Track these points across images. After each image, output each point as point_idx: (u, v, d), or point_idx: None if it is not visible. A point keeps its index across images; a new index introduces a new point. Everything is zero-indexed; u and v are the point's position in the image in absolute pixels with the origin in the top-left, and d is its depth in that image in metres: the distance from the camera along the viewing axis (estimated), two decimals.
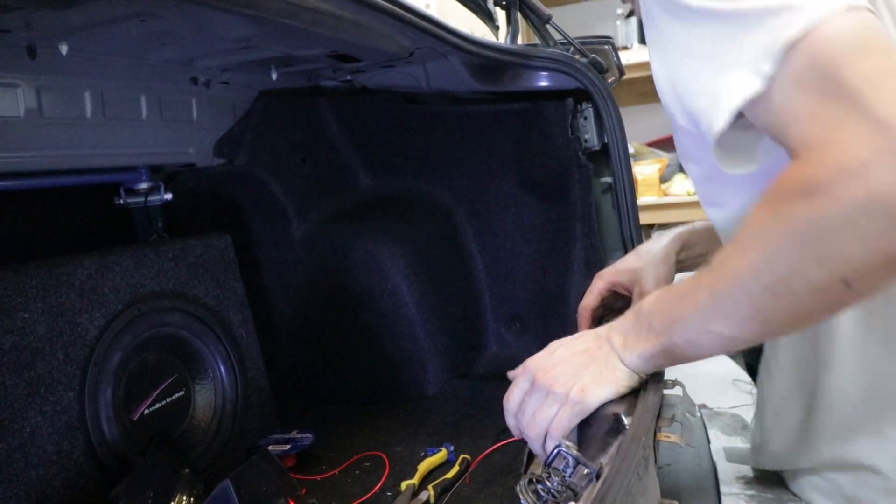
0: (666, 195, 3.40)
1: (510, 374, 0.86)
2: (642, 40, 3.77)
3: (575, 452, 0.73)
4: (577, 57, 1.28)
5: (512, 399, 0.83)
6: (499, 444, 1.18)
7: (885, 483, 0.81)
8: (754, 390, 1.13)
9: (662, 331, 0.73)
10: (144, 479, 0.94)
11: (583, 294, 1.38)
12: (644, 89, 3.97)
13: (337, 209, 1.45)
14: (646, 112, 3.78)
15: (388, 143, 1.47)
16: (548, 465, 0.74)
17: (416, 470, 1.08)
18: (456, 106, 1.49)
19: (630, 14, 3.87)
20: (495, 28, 1.83)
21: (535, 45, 1.44)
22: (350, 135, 1.50)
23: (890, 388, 0.81)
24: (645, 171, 3.39)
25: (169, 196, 1.27)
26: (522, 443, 1.12)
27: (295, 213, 1.42)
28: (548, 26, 1.41)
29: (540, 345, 1.48)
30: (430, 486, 1.04)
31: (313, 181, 1.45)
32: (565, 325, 1.47)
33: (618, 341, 0.78)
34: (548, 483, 0.71)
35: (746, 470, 1.07)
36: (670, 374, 0.94)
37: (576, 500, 0.69)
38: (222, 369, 1.19)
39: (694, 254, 1.08)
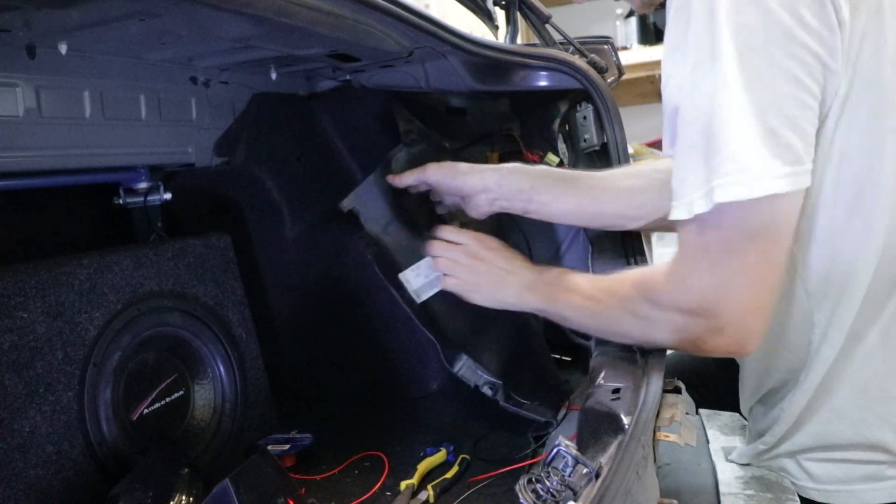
0: None
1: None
2: (642, 40, 3.78)
3: (574, 452, 0.73)
4: (576, 57, 1.28)
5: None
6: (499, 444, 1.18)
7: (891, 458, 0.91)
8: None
9: (547, 299, 1.05)
10: (144, 478, 0.94)
11: None
12: (643, 89, 3.98)
13: (332, 208, 1.45)
14: (645, 112, 3.79)
15: (382, 141, 1.47)
16: (547, 464, 0.74)
17: (415, 470, 1.08)
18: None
19: (630, 14, 3.88)
20: (495, 28, 1.84)
21: (534, 44, 1.44)
22: (344, 134, 1.49)
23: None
24: None
25: (168, 196, 1.26)
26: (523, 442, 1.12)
27: (290, 212, 1.41)
28: (547, 26, 1.41)
29: None
30: (429, 486, 1.04)
31: (309, 180, 1.45)
32: None
33: (518, 281, 1.09)
34: (547, 482, 0.71)
35: (745, 470, 1.07)
36: (669, 375, 0.94)
37: (575, 500, 0.69)
38: (222, 369, 1.19)
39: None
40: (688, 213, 0.78)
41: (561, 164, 1.55)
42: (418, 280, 1.32)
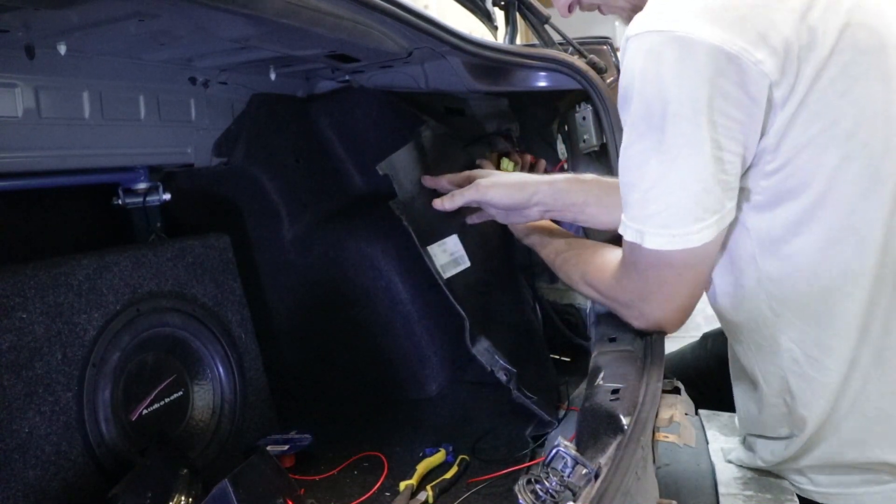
0: None
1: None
2: None
3: (573, 452, 0.73)
4: (575, 57, 1.28)
5: None
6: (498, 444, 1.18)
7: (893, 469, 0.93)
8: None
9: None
10: (143, 479, 0.94)
11: None
12: None
13: (330, 209, 1.45)
14: None
15: (379, 143, 1.47)
16: (547, 464, 0.74)
17: (414, 470, 1.08)
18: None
19: None
20: (494, 28, 1.84)
21: (533, 45, 1.45)
22: (342, 136, 1.50)
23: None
24: None
25: (167, 196, 1.26)
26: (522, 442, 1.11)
27: (288, 213, 1.41)
28: (546, 27, 1.41)
29: None
30: (428, 487, 1.04)
31: (307, 181, 1.45)
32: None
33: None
34: (546, 483, 0.71)
35: (744, 470, 1.07)
36: (670, 374, 0.94)
37: (574, 500, 0.69)
38: (221, 369, 1.19)
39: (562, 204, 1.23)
40: (624, 233, 0.92)
41: (559, 164, 1.56)
42: (444, 256, 1.32)
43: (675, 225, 0.86)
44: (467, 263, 1.36)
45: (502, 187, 1.21)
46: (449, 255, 1.33)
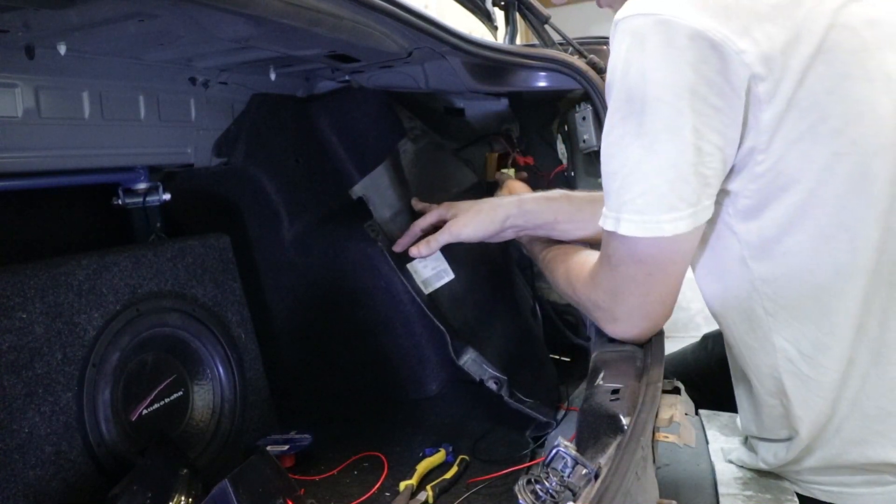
0: None
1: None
2: None
3: (573, 452, 0.73)
4: (575, 57, 1.28)
5: None
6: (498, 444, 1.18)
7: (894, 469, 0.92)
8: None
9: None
10: (143, 479, 0.94)
11: None
12: None
13: (329, 209, 1.45)
14: None
15: (379, 143, 1.47)
16: (546, 465, 0.74)
17: (414, 470, 1.08)
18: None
19: None
20: (494, 28, 1.84)
21: (533, 45, 1.45)
22: (342, 136, 1.50)
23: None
24: None
25: (167, 196, 1.26)
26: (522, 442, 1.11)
27: (288, 213, 1.41)
28: (546, 27, 1.41)
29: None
30: (428, 487, 1.04)
31: (307, 181, 1.45)
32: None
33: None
34: (546, 483, 0.71)
35: (744, 470, 1.07)
36: (670, 374, 0.94)
37: (574, 500, 0.69)
38: (221, 370, 1.19)
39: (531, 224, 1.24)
40: (604, 224, 0.91)
41: (560, 167, 1.56)
42: (426, 271, 1.32)
43: (648, 211, 0.85)
44: (451, 276, 1.37)
45: (473, 224, 1.24)
46: (431, 270, 1.34)
